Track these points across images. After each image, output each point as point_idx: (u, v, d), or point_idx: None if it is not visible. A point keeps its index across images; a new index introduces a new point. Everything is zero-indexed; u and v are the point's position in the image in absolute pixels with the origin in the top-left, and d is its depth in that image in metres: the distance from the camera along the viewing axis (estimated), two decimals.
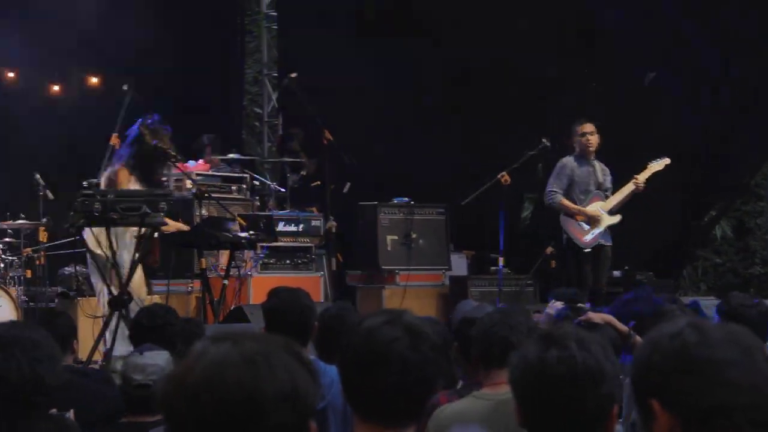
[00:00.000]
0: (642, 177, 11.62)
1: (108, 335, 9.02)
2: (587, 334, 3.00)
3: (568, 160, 11.66)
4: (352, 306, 6.04)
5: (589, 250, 11.47)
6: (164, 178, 10.58)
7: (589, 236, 11.51)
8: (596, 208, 11.58)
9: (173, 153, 10.23)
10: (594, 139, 11.59)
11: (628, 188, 11.63)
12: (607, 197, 11.66)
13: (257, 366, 2.17)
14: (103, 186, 9.80)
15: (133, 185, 9.90)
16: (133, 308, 8.76)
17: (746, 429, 2.42)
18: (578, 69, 14.33)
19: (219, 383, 2.15)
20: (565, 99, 13.86)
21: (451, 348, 5.83)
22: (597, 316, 5.93)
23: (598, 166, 11.72)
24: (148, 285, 10.47)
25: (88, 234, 9.46)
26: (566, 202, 11.56)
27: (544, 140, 11.83)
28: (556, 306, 7.21)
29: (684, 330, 2.49)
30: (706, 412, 2.42)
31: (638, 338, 5.62)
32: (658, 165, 11.74)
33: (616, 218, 11.64)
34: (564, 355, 2.89)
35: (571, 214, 11.54)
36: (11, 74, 15.47)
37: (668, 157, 11.78)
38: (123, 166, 10.00)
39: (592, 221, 11.52)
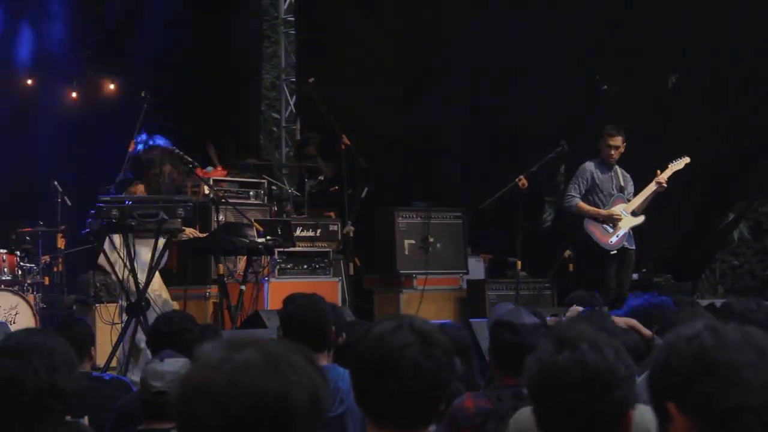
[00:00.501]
0: (664, 176, 11.58)
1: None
2: (601, 336, 2.99)
3: (590, 165, 11.63)
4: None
5: (614, 252, 11.45)
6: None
7: (614, 238, 11.49)
8: (619, 210, 11.55)
9: (190, 159, 10.26)
10: (617, 154, 11.56)
11: (650, 188, 11.59)
12: (629, 201, 11.64)
13: (283, 370, 2.18)
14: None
15: None
16: (150, 316, 8.78)
17: (758, 430, 2.42)
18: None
19: (248, 388, 2.15)
20: (578, 102, 13.86)
21: (469, 351, 5.83)
22: (620, 320, 5.89)
23: (620, 171, 11.70)
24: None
25: (106, 241, 9.50)
26: (583, 205, 11.53)
27: (562, 143, 11.81)
28: (577, 310, 7.17)
29: (701, 333, 2.49)
30: (723, 414, 2.42)
31: None
32: (678, 164, 11.72)
33: (640, 219, 11.61)
34: (575, 356, 2.86)
35: (591, 216, 11.51)
36: (29, 81, 15.52)
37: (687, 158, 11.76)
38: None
39: (612, 221, 11.48)
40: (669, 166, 11.70)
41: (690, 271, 14.07)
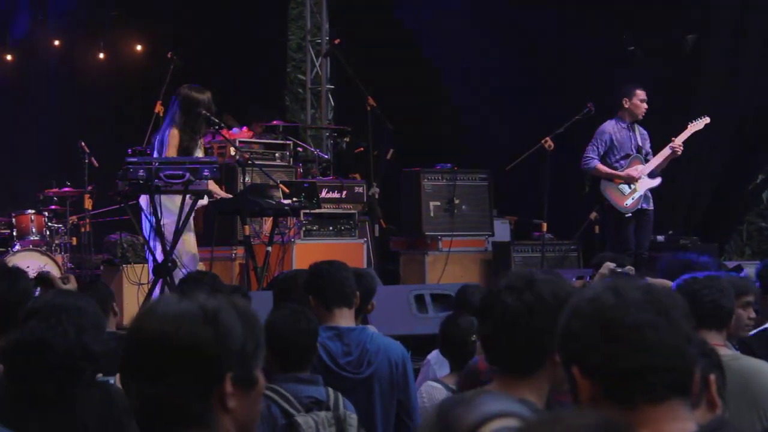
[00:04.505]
0: (679, 139, 11.49)
1: None
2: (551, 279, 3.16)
3: (608, 125, 11.56)
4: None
5: (630, 214, 11.41)
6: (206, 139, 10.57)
7: (629, 200, 11.44)
8: (636, 171, 11.49)
9: (217, 120, 10.27)
10: (645, 106, 11.54)
11: (665, 153, 11.51)
12: (647, 161, 11.58)
13: (198, 324, 2.41)
14: (156, 149, 9.91)
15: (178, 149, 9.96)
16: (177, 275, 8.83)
17: (661, 391, 2.38)
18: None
19: (167, 334, 2.42)
20: (607, 66, 13.76)
21: None
22: (656, 282, 5.89)
23: (638, 130, 11.64)
24: None
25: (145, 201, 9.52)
26: (601, 167, 11.46)
27: (588, 105, 11.75)
28: (609, 267, 7.15)
29: (602, 293, 2.45)
30: (624, 376, 2.38)
31: None
32: (698, 125, 11.62)
33: (656, 181, 11.54)
34: (511, 293, 3.10)
35: (609, 178, 11.46)
36: (56, 42, 15.57)
37: (711, 119, 11.66)
38: (174, 127, 10.04)
39: (630, 182, 11.43)
40: (688, 126, 11.62)
41: (718, 232, 13.99)
